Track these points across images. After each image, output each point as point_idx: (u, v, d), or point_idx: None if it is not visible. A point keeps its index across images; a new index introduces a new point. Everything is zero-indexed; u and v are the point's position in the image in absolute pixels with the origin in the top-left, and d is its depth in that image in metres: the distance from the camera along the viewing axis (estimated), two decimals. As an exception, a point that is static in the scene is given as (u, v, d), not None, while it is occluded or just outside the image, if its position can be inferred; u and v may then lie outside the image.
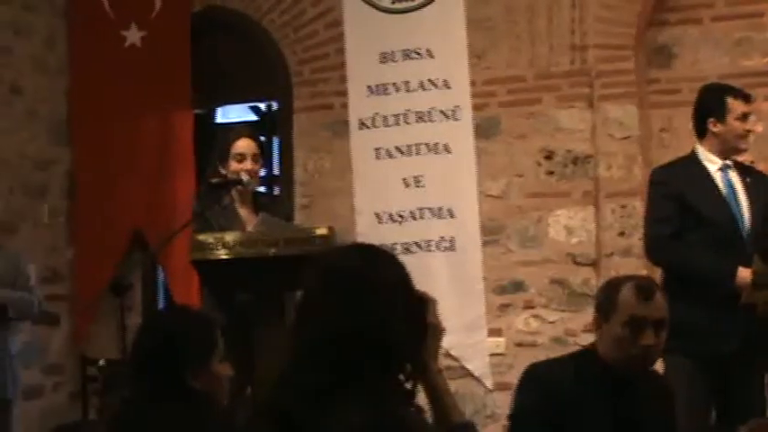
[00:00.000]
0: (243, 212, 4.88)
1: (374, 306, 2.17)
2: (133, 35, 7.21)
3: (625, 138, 6.26)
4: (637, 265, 5.91)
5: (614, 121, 6.28)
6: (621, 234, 6.22)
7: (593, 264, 6.26)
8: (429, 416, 2.31)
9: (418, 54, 6.59)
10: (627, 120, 6.26)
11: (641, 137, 6.29)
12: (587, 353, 3.46)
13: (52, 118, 7.16)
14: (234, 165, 4.83)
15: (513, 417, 3.40)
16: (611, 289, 3.40)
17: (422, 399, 2.30)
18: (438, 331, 2.31)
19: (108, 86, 7.14)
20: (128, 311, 6.57)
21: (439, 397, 2.30)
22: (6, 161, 6.77)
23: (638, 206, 6.01)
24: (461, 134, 6.50)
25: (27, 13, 6.98)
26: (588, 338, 6.10)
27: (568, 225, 6.34)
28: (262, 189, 5.93)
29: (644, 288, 3.34)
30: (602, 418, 3.27)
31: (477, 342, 6.39)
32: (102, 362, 6.75)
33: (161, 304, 7.37)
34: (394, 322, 2.18)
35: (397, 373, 2.23)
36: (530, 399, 3.36)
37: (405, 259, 2.32)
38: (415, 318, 2.26)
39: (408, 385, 2.25)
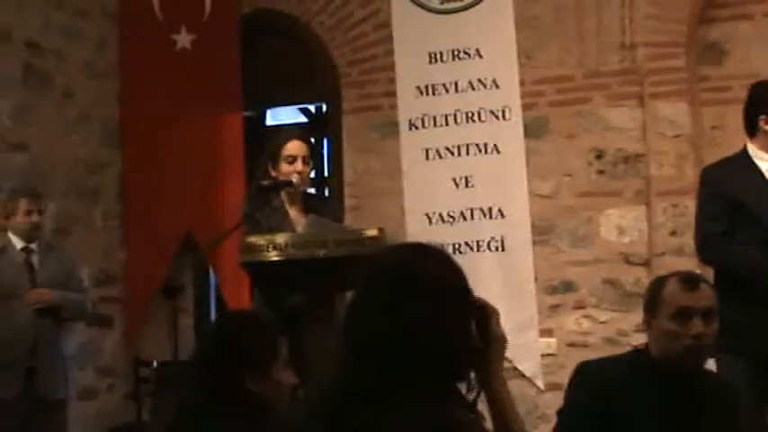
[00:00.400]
0: (293, 214, 4.89)
1: (424, 306, 2.10)
2: (183, 38, 7.27)
3: (676, 136, 6.22)
4: (689, 265, 5.84)
5: (665, 120, 6.23)
6: (673, 233, 6.17)
7: (646, 263, 6.22)
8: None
9: (467, 54, 6.59)
10: (678, 118, 6.21)
11: (692, 135, 6.23)
12: (639, 352, 3.44)
13: (104, 121, 7.24)
14: (284, 167, 4.84)
15: (561, 412, 3.39)
16: (656, 285, 3.39)
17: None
18: (502, 342, 2.25)
19: (159, 90, 7.21)
20: (180, 313, 6.64)
21: (501, 408, 2.24)
22: (60, 164, 6.86)
23: (690, 205, 5.95)
24: (511, 134, 6.48)
25: (79, 18, 7.07)
26: (640, 338, 6.05)
27: (620, 224, 6.30)
28: (312, 191, 5.96)
29: (688, 279, 3.33)
30: (654, 417, 3.24)
31: (529, 342, 6.37)
32: (155, 363, 6.81)
33: (212, 306, 7.42)
34: (445, 323, 2.12)
35: (454, 376, 2.18)
36: (579, 395, 3.34)
37: (454, 260, 2.28)
38: (467, 318, 2.21)
39: (471, 394, 2.21)
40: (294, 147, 4.88)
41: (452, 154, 6.60)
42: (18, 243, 5.88)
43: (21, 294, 5.75)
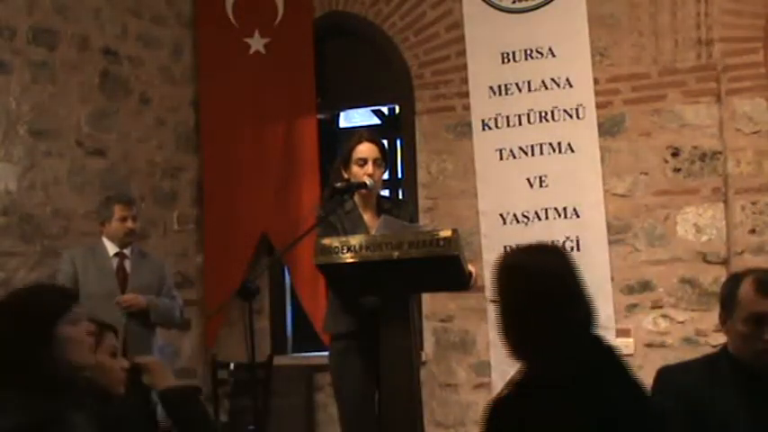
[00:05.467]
0: (366, 216, 4.90)
1: None
2: (257, 42, 7.33)
3: (755, 132, 6.12)
4: (769, 263, 5.78)
5: (743, 116, 6.14)
6: (752, 231, 6.09)
7: (724, 262, 6.13)
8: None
9: (540, 53, 6.55)
10: (756, 114, 6.11)
11: (771, 131, 6.14)
12: (721, 352, 3.38)
13: (180, 126, 7.32)
14: (356, 169, 4.85)
15: None
16: (731, 284, 3.32)
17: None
18: None
19: (234, 93, 7.28)
20: (256, 315, 6.68)
21: None
22: (137, 169, 6.96)
23: (770, 202, 5.89)
24: (585, 133, 6.44)
25: (155, 25, 7.17)
26: (720, 338, 5.98)
27: (697, 223, 6.22)
28: (385, 192, 5.96)
29: (763, 282, 3.25)
30: (740, 416, 3.18)
31: (606, 343, 6.31)
32: (231, 365, 6.87)
33: (288, 307, 7.46)
34: None
35: None
36: (663, 400, 3.29)
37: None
38: None
39: None
40: (365, 149, 4.89)
41: (526, 154, 6.57)
42: (112, 249, 5.98)
43: (108, 300, 5.81)
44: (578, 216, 6.43)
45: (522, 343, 2.57)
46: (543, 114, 6.52)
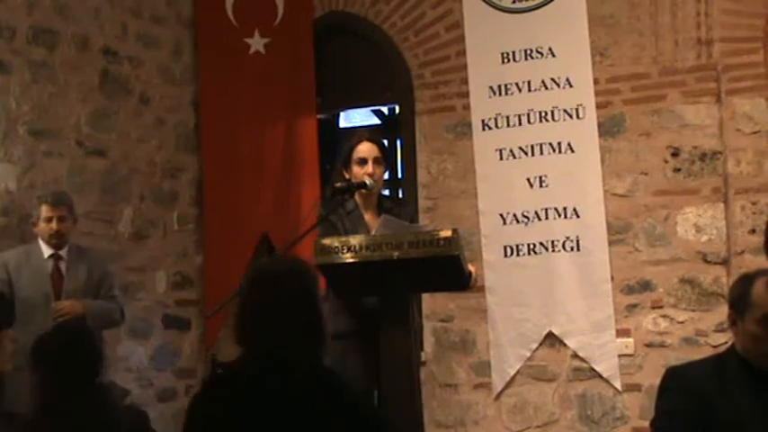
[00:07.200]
0: (367, 216, 4.90)
1: None
2: (257, 42, 7.33)
3: (755, 132, 6.12)
4: (769, 263, 5.76)
5: (743, 116, 6.14)
6: (752, 231, 6.08)
7: (724, 262, 6.13)
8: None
9: (540, 53, 6.55)
10: (756, 114, 6.11)
11: (771, 131, 6.13)
12: (728, 352, 3.36)
13: (180, 127, 7.32)
14: (356, 169, 4.86)
15: (655, 422, 3.31)
16: (744, 285, 3.29)
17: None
18: None
19: (234, 93, 7.27)
20: (256, 315, 6.66)
21: None
22: (137, 169, 6.95)
23: (770, 202, 5.88)
24: (585, 133, 6.43)
25: (155, 25, 7.16)
26: (720, 338, 5.99)
27: (697, 223, 6.22)
28: (386, 192, 5.96)
29: None
30: (749, 416, 3.17)
31: (606, 343, 6.31)
32: (232, 365, 6.86)
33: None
34: None
35: None
36: (672, 401, 3.26)
37: (530, 260, 2.30)
38: None
39: None
40: (365, 149, 4.89)
41: (526, 154, 6.57)
42: (47, 251, 5.70)
43: (44, 304, 5.54)
44: (578, 216, 6.43)
45: (241, 339, 2.98)
46: (543, 114, 6.52)
